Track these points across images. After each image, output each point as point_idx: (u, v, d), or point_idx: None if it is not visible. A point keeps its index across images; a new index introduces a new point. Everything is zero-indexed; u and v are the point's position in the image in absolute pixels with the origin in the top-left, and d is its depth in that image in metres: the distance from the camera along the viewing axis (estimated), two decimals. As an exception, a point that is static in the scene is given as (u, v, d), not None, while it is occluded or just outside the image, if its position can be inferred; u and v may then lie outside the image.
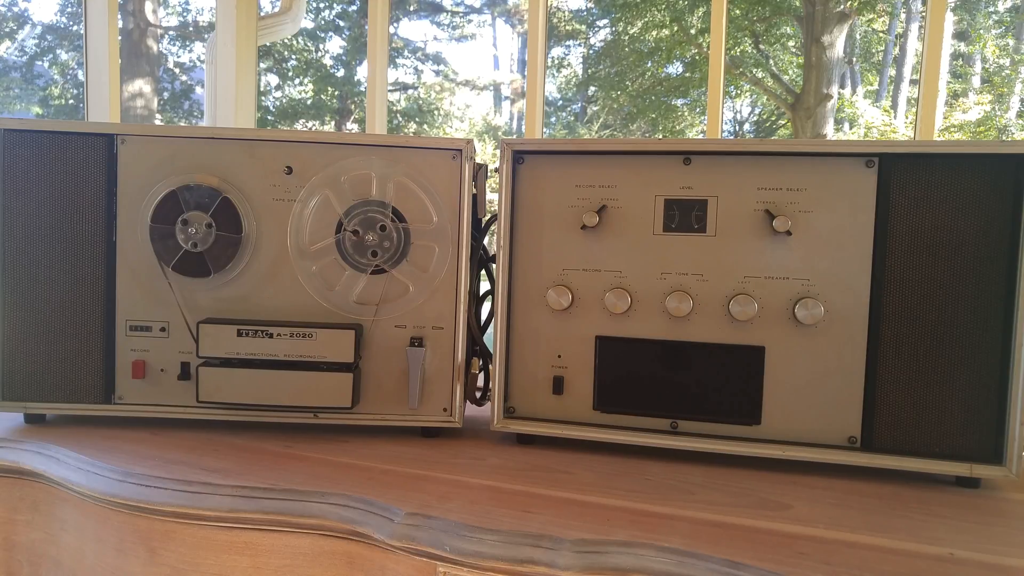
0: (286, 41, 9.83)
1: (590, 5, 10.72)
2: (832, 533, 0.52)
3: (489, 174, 0.75)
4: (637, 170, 0.68)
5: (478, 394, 0.78)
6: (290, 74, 10.55)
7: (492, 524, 0.52)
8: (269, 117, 10.27)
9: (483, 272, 0.78)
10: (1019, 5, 8.64)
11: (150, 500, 0.57)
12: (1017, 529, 0.54)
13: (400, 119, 10.87)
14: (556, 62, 10.98)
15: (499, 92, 13.39)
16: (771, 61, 8.92)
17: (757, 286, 0.66)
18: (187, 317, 0.72)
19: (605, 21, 10.39)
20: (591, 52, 10.89)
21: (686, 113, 9.68)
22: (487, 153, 8.37)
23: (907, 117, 8.83)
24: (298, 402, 0.69)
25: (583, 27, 10.75)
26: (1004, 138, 5.79)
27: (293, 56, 10.41)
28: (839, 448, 0.65)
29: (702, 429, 0.68)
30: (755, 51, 8.80)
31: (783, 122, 9.82)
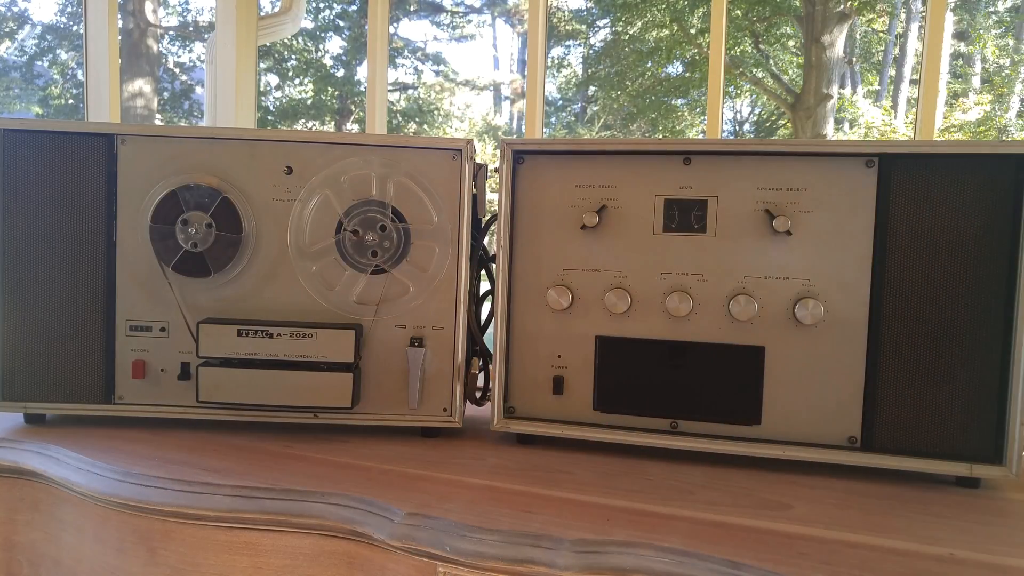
0: (286, 41, 9.83)
1: (590, 5, 10.72)
2: (832, 533, 0.52)
3: (489, 174, 0.75)
4: (637, 170, 0.68)
5: (478, 394, 0.78)
6: (290, 74, 10.55)
7: (492, 524, 0.52)
8: (269, 117, 10.27)
9: (483, 272, 0.78)
10: (1019, 5, 8.64)
11: (150, 500, 0.57)
12: (1017, 529, 0.54)
13: (400, 119, 10.87)
14: (556, 62, 10.98)
15: (499, 92, 13.39)
16: (771, 61, 8.92)
17: (757, 286, 0.66)
18: (187, 317, 0.72)
19: (605, 21, 10.39)
20: (591, 52, 10.89)
21: (686, 113, 9.68)
22: (487, 153, 8.36)
23: (907, 117, 8.83)
24: (298, 402, 0.69)
25: (583, 27, 10.75)
26: (1004, 138, 5.78)
27: (293, 56, 10.41)
28: (839, 448, 0.65)
29: (702, 429, 0.68)
30: (755, 51, 8.80)
31: (783, 122, 9.82)
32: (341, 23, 10.53)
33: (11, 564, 0.65)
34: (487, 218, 0.76)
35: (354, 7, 10.42)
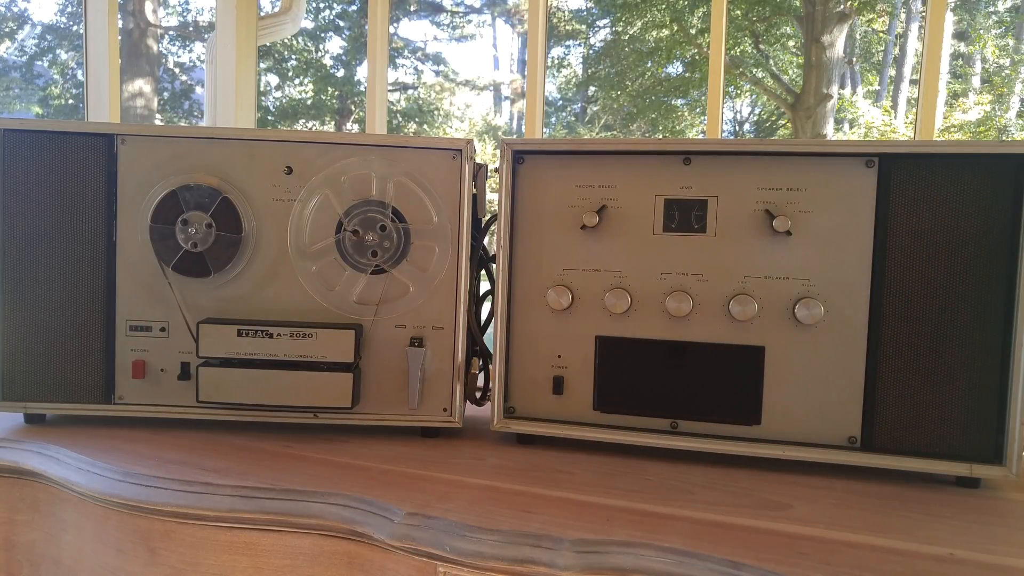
0: (286, 41, 9.83)
1: (590, 5, 10.72)
2: (832, 533, 0.52)
3: (489, 174, 0.75)
4: (637, 170, 0.68)
5: (478, 394, 0.78)
6: (290, 74, 10.55)
7: (492, 524, 0.52)
8: (269, 117, 10.27)
9: (483, 272, 0.78)
10: (1019, 5, 8.64)
11: (150, 500, 0.57)
12: (1017, 529, 0.54)
13: (400, 119, 10.87)
14: (556, 62, 10.98)
15: (499, 92, 13.39)
16: (771, 61, 8.92)
17: (757, 286, 0.66)
18: (187, 317, 0.72)
19: (605, 21, 10.39)
20: (591, 52, 10.89)
21: (686, 113, 9.68)
22: (487, 153, 8.36)
23: (907, 117, 8.83)
24: (298, 402, 0.69)
25: (583, 27, 10.75)
26: (1004, 138, 5.78)
27: (293, 56, 10.41)
28: (839, 448, 0.65)
29: (702, 429, 0.68)
30: (755, 51, 8.80)
31: (783, 122, 9.82)
32: (341, 23, 10.53)
33: (11, 564, 0.65)
34: (487, 218, 0.76)
35: (354, 7, 10.42)
